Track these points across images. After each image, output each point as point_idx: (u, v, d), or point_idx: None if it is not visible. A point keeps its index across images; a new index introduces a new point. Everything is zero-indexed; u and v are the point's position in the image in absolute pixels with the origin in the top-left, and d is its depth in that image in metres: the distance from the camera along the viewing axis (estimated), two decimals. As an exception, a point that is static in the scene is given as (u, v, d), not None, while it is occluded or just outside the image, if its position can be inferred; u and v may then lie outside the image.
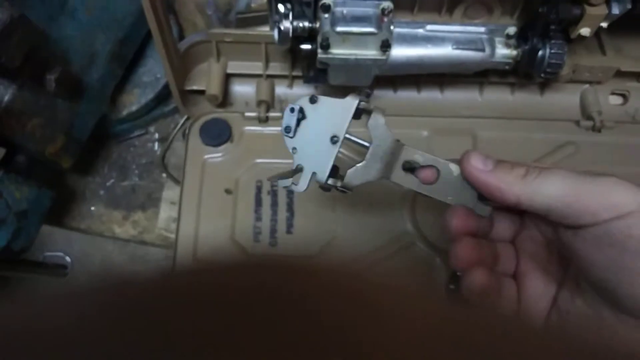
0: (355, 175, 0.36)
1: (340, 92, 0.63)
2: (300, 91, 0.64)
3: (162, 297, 0.14)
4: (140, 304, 0.14)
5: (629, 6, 0.49)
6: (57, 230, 0.66)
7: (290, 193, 0.60)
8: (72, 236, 0.78)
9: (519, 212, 0.35)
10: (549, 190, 0.28)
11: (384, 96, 0.64)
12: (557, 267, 0.33)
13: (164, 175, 0.64)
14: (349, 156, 0.57)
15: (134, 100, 0.62)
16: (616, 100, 0.66)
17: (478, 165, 0.32)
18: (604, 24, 0.52)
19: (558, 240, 0.30)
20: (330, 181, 0.36)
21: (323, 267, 0.18)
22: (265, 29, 0.63)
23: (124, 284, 0.16)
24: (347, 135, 0.36)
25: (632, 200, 0.25)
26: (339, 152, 0.36)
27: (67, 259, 0.81)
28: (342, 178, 0.37)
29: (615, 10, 0.50)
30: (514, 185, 0.30)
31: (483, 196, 0.33)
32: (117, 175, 0.64)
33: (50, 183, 0.56)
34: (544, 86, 0.64)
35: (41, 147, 0.52)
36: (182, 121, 0.63)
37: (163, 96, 0.64)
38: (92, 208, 0.63)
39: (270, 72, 0.61)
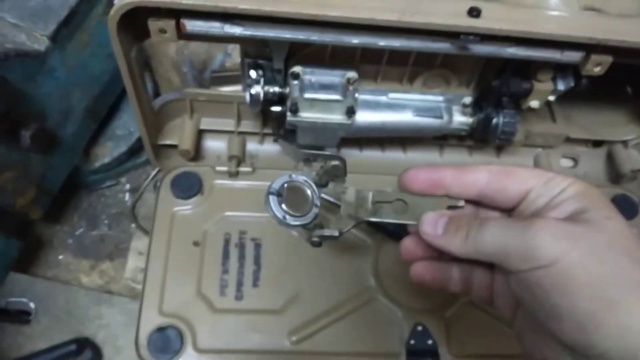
0: (336, 226, 0.39)
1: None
2: (271, 147, 0.66)
3: None
4: None
5: (572, 84, 0.54)
6: (21, 276, 0.65)
7: (257, 246, 0.61)
8: (35, 282, 0.77)
9: None
10: (486, 245, 0.32)
11: (351, 155, 0.67)
12: None
13: (133, 225, 0.65)
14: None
15: (106, 152, 0.64)
16: (567, 163, 0.70)
17: (429, 231, 0.35)
18: (551, 98, 0.56)
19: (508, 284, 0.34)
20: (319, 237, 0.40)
21: None
22: (238, 87, 0.66)
23: None
24: (323, 196, 0.41)
25: (549, 254, 0.28)
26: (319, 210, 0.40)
27: (31, 304, 0.80)
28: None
29: (561, 86, 0.55)
30: (460, 247, 0.33)
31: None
32: (87, 224, 0.65)
33: (18, 233, 0.56)
34: (500, 149, 0.68)
35: (12, 199, 0.53)
36: (153, 173, 0.65)
37: (135, 149, 0.66)
38: (60, 257, 0.64)
39: (241, 129, 0.64)
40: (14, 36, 0.51)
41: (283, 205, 0.39)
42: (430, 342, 0.57)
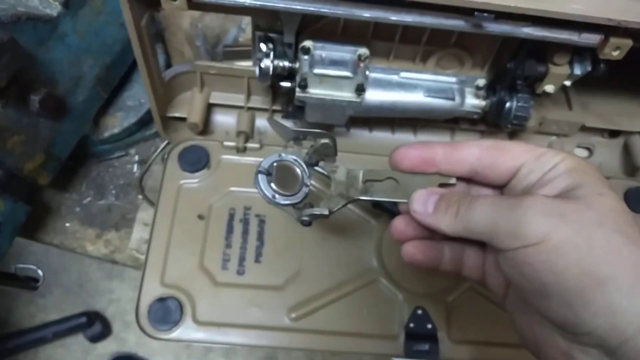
0: (326, 205, 0.39)
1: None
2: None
3: None
4: None
5: (589, 68, 0.52)
6: (33, 243, 0.66)
7: (261, 222, 0.61)
8: (48, 250, 0.78)
9: None
10: (476, 223, 0.31)
11: (360, 136, 0.66)
12: None
13: (140, 196, 0.65)
14: (320, 188, 0.59)
15: (116, 122, 0.64)
16: (582, 153, 0.69)
17: (419, 210, 0.35)
18: (567, 83, 0.55)
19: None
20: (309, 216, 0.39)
21: None
22: (250, 63, 0.66)
23: None
24: (316, 168, 0.41)
25: (538, 232, 0.28)
26: (312, 187, 0.40)
27: (39, 272, 0.81)
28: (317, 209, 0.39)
29: (577, 71, 0.53)
30: (450, 226, 0.33)
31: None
32: (94, 193, 0.66)
33: (26, 198, 0.57)
34: (512, 135, 0.66)
35: (20, 163, 0.53)
36: (162, 145, 0.65)
37: (145, 120, 0.66)
38: (67, 224, 0.64)
39: (251, 104, 0.64)
40: (27, 0, 0.51)
41: (272, 185, 0.39)
42: (429, 326, 0.56)
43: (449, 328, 0.57)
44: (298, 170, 0.40)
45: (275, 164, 0.40)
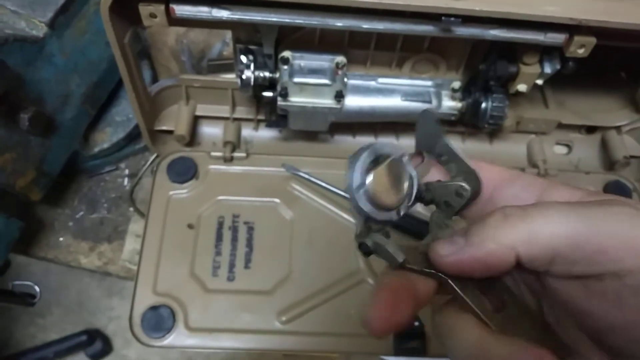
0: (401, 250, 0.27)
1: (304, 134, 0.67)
2: (265, 134, 0.68)
3: None
4: None
5: (559, 66, 0.54)
6: (32, 263, 0.68)
7: (250, 229, 0.63)
8: (47, 269, 0.79)
9: None
10: (551, 228, 0.22)
11: (344, 141, 0.68)
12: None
13: (132, 209, 0.67)
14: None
15: (105, 138, 0.66)
16: (561, 150, 0.71)
17: (443, 252, 0.25)
18: (539, 82, 0.56)
19: (546, 291, 0.24)
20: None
21: None
22: (233, 75, 0.67)
23: None
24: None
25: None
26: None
27: (36, 288, 0.82)
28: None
29: (547, 69, 0.55)
30: (506, 236, 0.23)
31: None
32: (87, 208, 0.67)
33: (19, 214, 0.58)
34: (492, 135, 0.68)
35: (12, 180, 0.55)
36: (151, 158, 0.67)
37: (134, 135, 0.68)
38: (61, 239, 0.66)
39: (236, 115, 0.65)
40: (14, 23, 0.53)
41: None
42: (417, 323, 0.58)
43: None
44: (406, 183, 0.27)
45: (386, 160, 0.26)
